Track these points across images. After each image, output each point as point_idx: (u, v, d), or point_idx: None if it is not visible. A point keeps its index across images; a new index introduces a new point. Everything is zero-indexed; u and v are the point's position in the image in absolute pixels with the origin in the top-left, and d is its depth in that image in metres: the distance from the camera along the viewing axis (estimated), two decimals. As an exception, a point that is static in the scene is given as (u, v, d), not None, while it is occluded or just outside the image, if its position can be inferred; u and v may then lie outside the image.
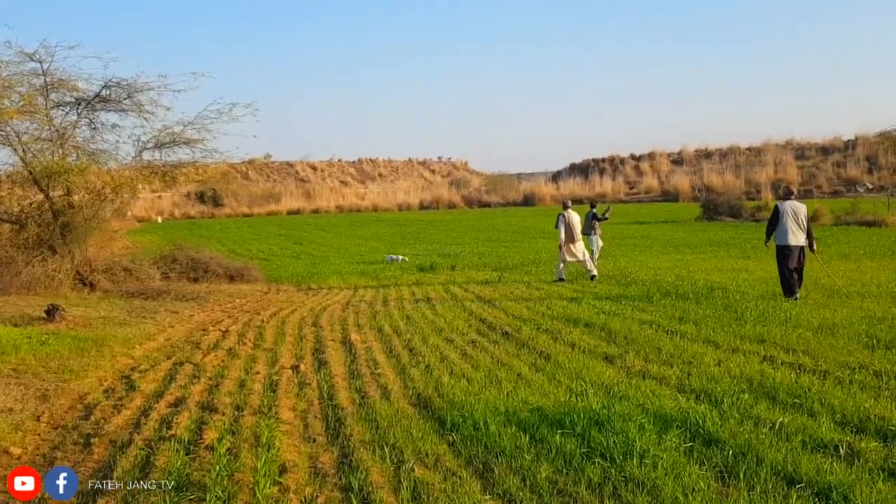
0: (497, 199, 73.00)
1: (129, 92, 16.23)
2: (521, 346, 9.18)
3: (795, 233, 11.93)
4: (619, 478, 4.70)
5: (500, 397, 6.61)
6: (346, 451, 5.47)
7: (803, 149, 75.16)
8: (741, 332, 9.28)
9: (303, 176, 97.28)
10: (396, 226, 44.29)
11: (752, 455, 4.94)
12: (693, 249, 23.87)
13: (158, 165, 17.16)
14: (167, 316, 12.66)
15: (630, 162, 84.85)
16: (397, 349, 9.29)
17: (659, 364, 7.84)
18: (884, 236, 24.73)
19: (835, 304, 11.08)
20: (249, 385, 7.51)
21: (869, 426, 5.47)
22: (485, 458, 5.18)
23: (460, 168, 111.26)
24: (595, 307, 11.88)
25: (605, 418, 5.68)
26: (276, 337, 10.41)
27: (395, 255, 23.99)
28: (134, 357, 9.21)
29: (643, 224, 38.38)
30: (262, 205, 73.68)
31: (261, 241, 37.25)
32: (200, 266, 18.89)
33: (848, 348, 8.13)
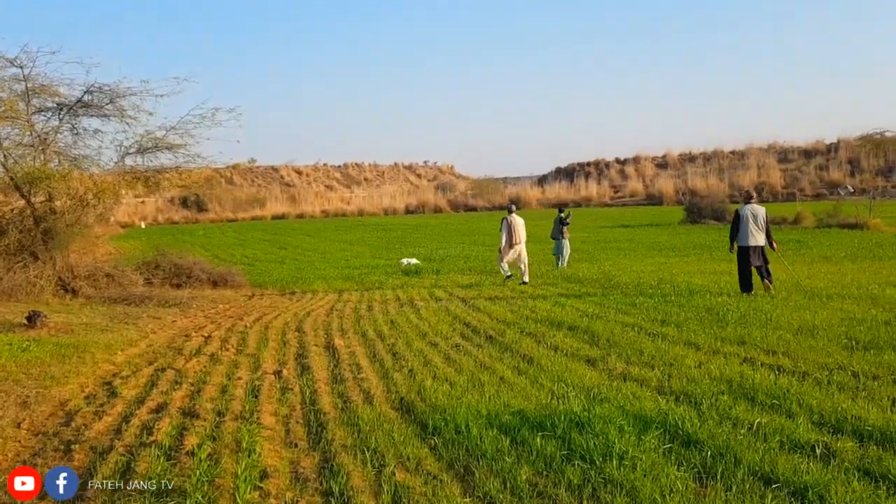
0: (483, 203, 73.18)
1: (112, 97, 16.14)
2: (505, 349, 9.20)
3: (755, 234, 12.97)
4: (599, 479, 4.73)
5: (483, 401, 6.62)
6: (327, 455, 5.47)
7: (786, 152, 75.87)
8: (722, 335, 9.34)
9: (288, 180, 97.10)
10: (382, 230, 44.28)
11: (730, 456, 4.98)
12: (677, 252, 24.04)
13: (141, 170, 17.08)
14: (149, 322, 12.60)
15: (615, 166, 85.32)
16: (381, 353, 9.30)
17: (640, 366, 7.89)
18: (865, 239, 24.98)
19: (815, 305, 11.19)
20: (231, 390, 7.49)
21: (846, 426, 5.52)
22: (466, 461, 5.19)
23: (446, 172, 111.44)
24: (578, 310, 11.93)
25: (585, 420, 5.72)
26: (259, 342, 10.38)
27: (409, 258, 23.95)
28: (116, 363, 9.16)
29: (627, 227, 38.59)
30: (247, 210, 73.51)
31: (245, 246, 37.14)
32: (183, 272, 18.83)
33: (827, 350, 8.21)
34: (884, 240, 24.14)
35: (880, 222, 28.84)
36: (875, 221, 28.90)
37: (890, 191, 52.79)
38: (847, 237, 25.91)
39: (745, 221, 13.04)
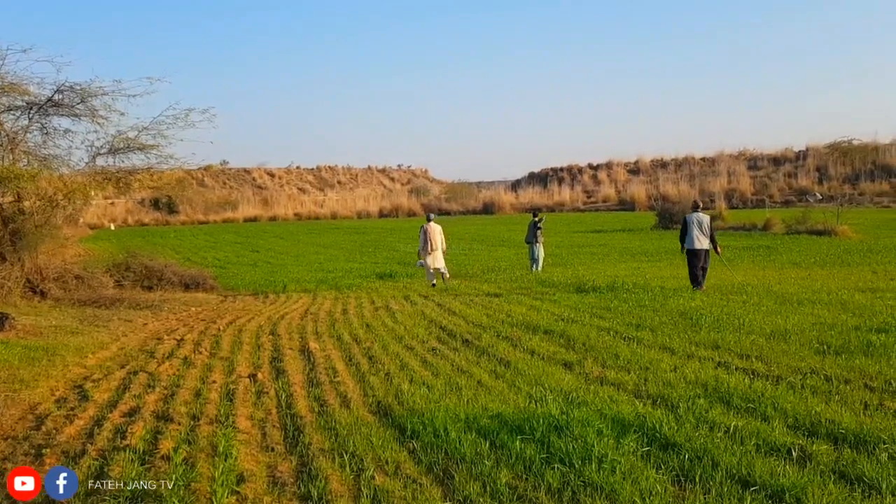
0: (457, 207, 73.19)
1: (83, 96, 15.89)
2: (482, 353, 9.20)
3: (700, 239, 14.66)
4: (578, 482, 4.73)
5: (461, 404, 6.61)
6: (304, 459, 5.42)
7: (756, 159, 76.83)
8: (696, 339, 9.43)
9: (260, 183, 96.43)
10: (356, 234, 44.13)
11: (708, 459, 5.02)
12: (649, 257, 24.23)
13: (112, 171, 16.85)
14: (120, 325, 12.43)
15: (588, 171, 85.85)
16: (357, 357, 9.25)
17: (616, 370, 7.93)
18: (833, 245, 25.35)
19: (786, 310, 11.32)
20: (206, 394, 7.40)
21: (820, 430, 5.59)
22: (445, 464, 5.17)
23: (420, 176, 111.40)
24: (553, 314, 11.96)
25: (564, 424, 5.72)
26: (232, 346, 10.28)
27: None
28: (86, 366, 9.01)
29: (600, 232, 38.83)
30: (218, 212, 72.82)
31: (217, 248, 36.82)
32: (155, 274, 18.62)
33: (800, 354, 8.31)
34: (851, 246, 24.52)
35: (848, 229, 29.27)
36: (843, 228, 29.33)
37: (857, 198, 53.67)
38: (816, 243, 26.27)
39: (691, 227, 14.76)
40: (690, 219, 14.95)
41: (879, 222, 36.54)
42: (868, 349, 8.35)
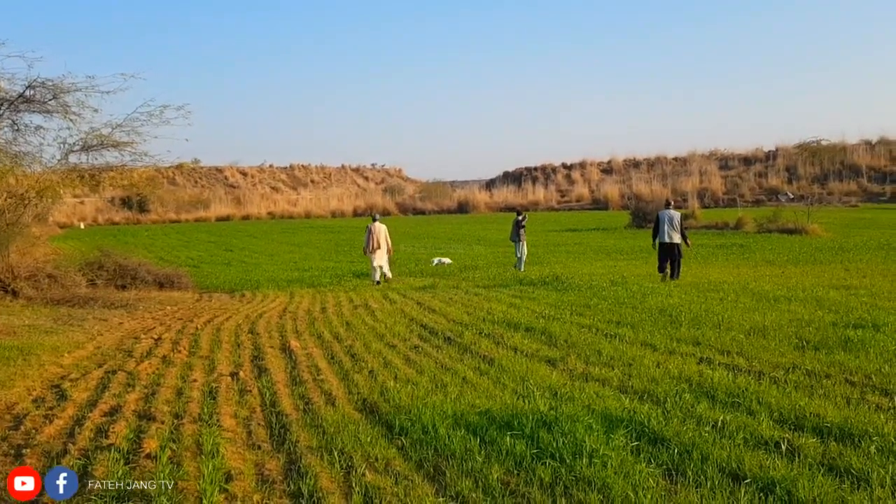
0: (432, 207, 73.07)
1: (55, 93, 15.57)
2: (464, 350, 9.17)
3: (671, 233, 15.91)
4: (570, 477, 4.72)
5: (447, 401, 6.57)
6: (292, 457, 5.36)
7: (727, 159, 77.68)
8: (677, 335, 9.48)
9: (232, 181, 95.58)
10: (330, 233, 43.94)
11: (698, 453, 5.03)
12: (625, 256, 24.41)
13: (85, 169, 16.58)
14: (95, 324, 12.23)
15: (562, 170, 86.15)
16: (339, 355, 9.18)
17: (600, 366, 7.94)
18: (805, 243, 25.73)
19: (764, 307, 11.44)
20: (187, 393, 7.30)
21: (806, 423, 5.64)
22: (435, 461, 5.14)
23: (395, 175, 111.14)
24: (534, 312, 11.98)
25: (552, 419, 5.72)
26: (211, 344, 10.16)
27: (442, 258, 23.83)
28: (63, 366, 8.85)
29: (575, 231, 39.03)
30: (190, 211, 71.98)
31: (190, 247, 36.44)
32: (128, 273, 18.36)
33: (780, 350, 8.40)
34: (822, 244, 24.89)
35: (818, 228, 29.74)
36: (813, 227, 29.79)
37: (826, 197, 54.49)
38: (787, 242, 26.63)
39: (662, 223, 16.04)
40: (662, 215, 16.25)
41: (849, 221, 37.16)
42: (846, 345, 8.46)
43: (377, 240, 17.91)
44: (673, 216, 16.11)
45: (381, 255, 18.00)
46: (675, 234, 15.89)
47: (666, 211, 16.40)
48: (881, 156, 66.51)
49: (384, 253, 18.06)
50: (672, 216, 16.10)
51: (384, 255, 18.07)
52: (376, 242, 17.89)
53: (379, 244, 17.92)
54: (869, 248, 22.91)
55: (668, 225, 15.93)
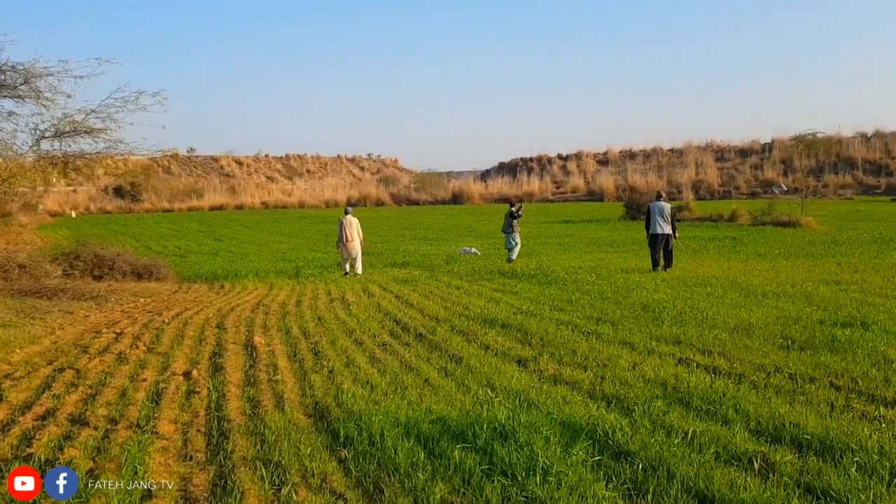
0: (426, 197, 72.62)
1: (26, 77, 15.09)
2: (434, 348, 8.74)
3: (662, 225, 16.24)
4: (520, 498, 4.29)
5: (403, 406, 6.14)
6: (224, 470, 4.91)
7: (723, 151, 77.28)
8: (658, 333, 9.05)
9: (227, 171, 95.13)
10: (322, 223, 43.39)
11: (663, 469, 4.60)
12: (616, 248, 23.96)
13: (58, 156, 16.10)
14: (59, 316, 11.77)
15: (557, 162, 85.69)
16: (302, 352, 8.74)
17: (573, 367, 7.52)
18: (798, 237, 25.29)
19: (751, 303, 11.01)
20: (132, 394, 6.85)
21: (784, 435, 5.20)
22: (377, 476, 4.70)
23: (390, 165, 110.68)
24: (513, 307, 11.54)
25: (510, 430, 5.27)
26: (173, 340, 9.70)
27: (469, 248, 23.42)
28: (11, 363, 8.39)
29: (568, 223, 38.59)
30: (184, 200, 71.55)
31: (179, 237, 36.00)
32: (106, 263, 17.91)
33: (763, 350, 7.96)
34: (816, 238, 24.44)
35: (812, 221, 29.31)
36: (807, 220, 29.36)
37: (821, 190, 54.03)
38: (781, 235, 26.20)
39: (654, 215, 16.38)
40: (654, 207, 16.67)
41: (843, 214, 36.73)
42: (833, 344, 8.04)
43: (348, 233, 17.94)
44: (664, 208, 16.51)
45: (353, 247, 17.97)
46: (666, 226, 16.23)
47: (657, 203, 16.77)
48: (876, 149, 66.21)
49: (357, 246, 18.02)
50: (663, 208, 16.50)
51: (357, 248, 18.03)
52: (348, 235, 17.93)
53: (351, 237, 17.95)
54: (862, 241, 22.47)
55: (659, 216, 16.30)
